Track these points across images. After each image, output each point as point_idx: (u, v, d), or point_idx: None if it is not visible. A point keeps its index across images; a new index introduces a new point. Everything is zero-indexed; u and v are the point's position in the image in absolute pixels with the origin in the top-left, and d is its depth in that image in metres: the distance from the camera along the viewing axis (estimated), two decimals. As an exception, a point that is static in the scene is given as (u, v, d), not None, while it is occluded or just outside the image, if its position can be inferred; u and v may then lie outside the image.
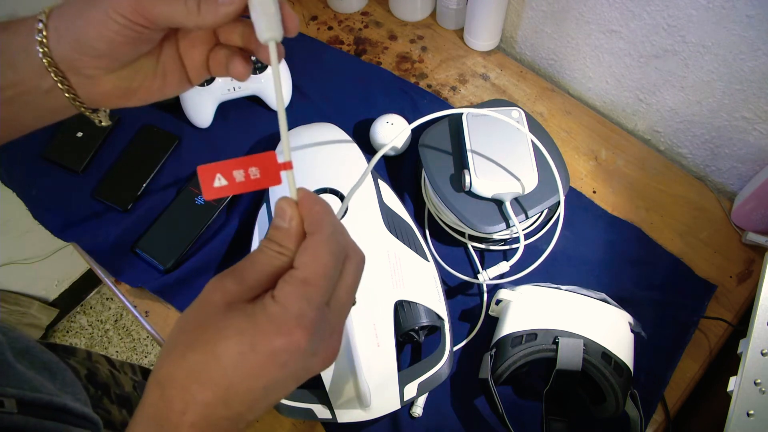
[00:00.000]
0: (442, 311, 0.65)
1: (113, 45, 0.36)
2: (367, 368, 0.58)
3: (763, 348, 0.57)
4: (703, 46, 0.71)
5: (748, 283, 0.75)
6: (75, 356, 0.67)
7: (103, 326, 1.62)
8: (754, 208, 0.74)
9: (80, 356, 0.68)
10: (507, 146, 0.73)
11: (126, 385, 0.71)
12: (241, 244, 0.76)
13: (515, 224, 0.70)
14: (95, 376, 0.66)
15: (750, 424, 0.55)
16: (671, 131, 0.85)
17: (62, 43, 0.36)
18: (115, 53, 0.36)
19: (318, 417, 0.60)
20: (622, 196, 0.81)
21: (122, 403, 0.66)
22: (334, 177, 0.72)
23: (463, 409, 0.68)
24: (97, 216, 0.81)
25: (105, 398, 0.64)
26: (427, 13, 1.00)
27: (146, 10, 0.34)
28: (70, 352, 0.67)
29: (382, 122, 0.82)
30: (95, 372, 0.67)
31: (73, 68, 0.37)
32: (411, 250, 0.68)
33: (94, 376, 0.66)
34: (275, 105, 0.88)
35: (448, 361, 0.63)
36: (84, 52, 0.36)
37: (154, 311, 0.76)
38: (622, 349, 0.62)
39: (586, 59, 0.87)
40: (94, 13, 0.35)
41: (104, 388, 0.65)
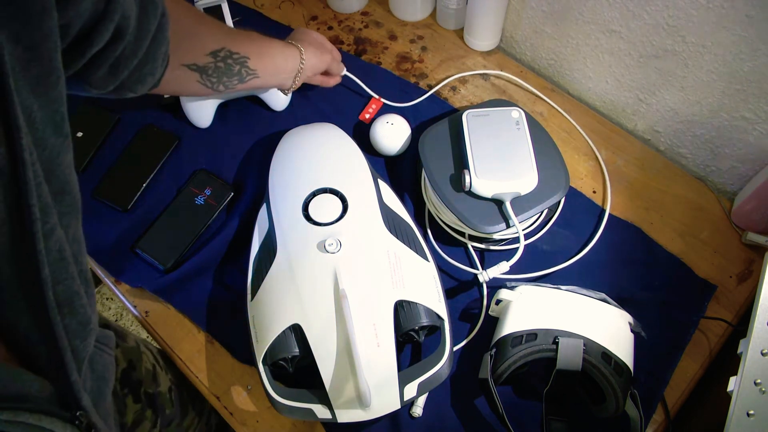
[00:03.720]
0: (442, 311, 0.65)
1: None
2: (367, 368, 0.58)
3: (763, 348, 0.57)
4: (703, 46, 0.71)
5: (748, 283, 0.75)
6: (125, 342, 0.68)
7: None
8: (754, 208, 0.74)
9: (129, 344, 0.68)
10: (507, 146, 0.73)
11: (163, 384, 0.71)
12: (241, 244, 0.76)
13: (515, 224, 0.70)
14: (133, 371, 0.66)
15: (750, 424, 0.55)
16: (671, 131, 0.85)
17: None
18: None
19: (318, 417, 0.60)
20: (622, 196, 0.81)
21: (148, 401, 0.66)
22: (334, 177, 0.72)
23: (463, 409, 0.68)
24: (97, 216, 0.81)
25: (130, 396, 0.64)
26: (427, 13, 1.00)
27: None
28: (121, 337, 0.67)
29: (382, 122, 0.82)
30: (135, 366, 0.67)
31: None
32: (411, 250, 0.68)
33: (131, 371, 0.66)
34: (275, 105, 0.88)
35: (448, 361, 0.63)
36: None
37: (154, 311, 0.76)
38: (622, 349, 0.62)
39: (586, 59, 0.87)
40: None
41: (135, 386, 0.65)
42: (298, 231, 0.68)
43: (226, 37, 0.66)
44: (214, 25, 0.66)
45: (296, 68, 0.74)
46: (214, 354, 0.73)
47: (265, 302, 0.65)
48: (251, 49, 0.68)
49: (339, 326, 0.61)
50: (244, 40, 0.68)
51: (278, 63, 0.72)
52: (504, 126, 0.75)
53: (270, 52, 0.71)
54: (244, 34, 0.69)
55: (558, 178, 0.73)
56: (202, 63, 0.64)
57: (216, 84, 0.67)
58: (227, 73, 0.67)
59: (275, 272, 0.66)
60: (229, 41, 0.65)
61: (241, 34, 0.69)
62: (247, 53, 0.67)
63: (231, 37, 0.66)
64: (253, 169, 0.83)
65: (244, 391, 0.71)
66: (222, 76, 0.66)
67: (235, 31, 0.69)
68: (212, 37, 0.64)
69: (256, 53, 0.69)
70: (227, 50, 0.65)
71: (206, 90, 0.68)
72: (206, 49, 0.63)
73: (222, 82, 0.67)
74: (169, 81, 0.61)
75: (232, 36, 0.67)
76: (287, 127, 0.82)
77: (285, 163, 0.75)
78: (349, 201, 0.70)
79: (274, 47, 0.72)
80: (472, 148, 0.73)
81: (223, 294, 0.76)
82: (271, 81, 0.74)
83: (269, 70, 0.72)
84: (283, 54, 0.72)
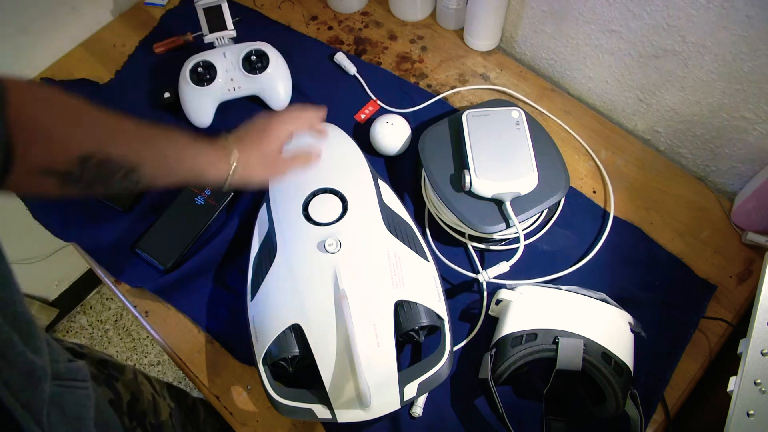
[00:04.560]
0: (442, 311, 0.65)
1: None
2: (367, 368, 0.58)
3: (763, 348, 0.57)
4: (703, 46, 0.71)
5: (748, 283, 0.75)
6: (123, 375, 0.66)
7: (103, 326, 1.62)
8: (754, 208, 0.74)
9: (127, 376, 0.67)
10: (507, 146, 0.73)
11: (163, 412, 0.70)
12: (241, 244, 0.76)
13: (515, 224, 0.70)
14: (137, 402, 0.65)
15: (750, 424, 0.55)
16: (671, 131, 0.85)
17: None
18: None
19: (318, 417, 0.60)
20: (622, 196, 0.81)
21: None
22: (334, 177, 0.72)
23: (463, 409, 0.68)
24: (97, 216, 0.81)
25: (139, 429, 0.63)
26: (427, 13, 1.00)
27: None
28: (120, 371, 0.66)
29: (382, 122, 0.82)
30: (138, 397, 0.65)
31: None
32: (411, 250, 0.68)
33: (135, 403, 0.64)
34: (275, 105, 0.88)
35: (448, 361, 0.63)
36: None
37: (154, 311, 0.76)
38: (622, 349, 0.62)
39: (586, 59, 0.87)
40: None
41: (141, 417, 0.64)
42: (298, 231, 0.68)
43: (110, 138, 0.50)
44: (94, 123, 0.50)
45: (225, 172, 0.60)
46: (214, 354, 0.73)
47: (265, 302, 0.65)
48: (148, 154, 0.53)
49: (339, 326, 0.61)
50: (141, 141, 0.53)
51: (197, 168, 0.58)
52: (504, 126, 0.75)
53: (183, 157, 0.57)
54: (150, 134, 0.54)
55: (558, 178, 0.73)
56: (64, 168, 0.47)
57: (87, 189, 0.50)
58: (102, 180, 0.50)
59: (275, 272, 0.66)
60: (110, 143, 0.50)
61: (145, 133, 0.54)
62: (139, 159, 0.52)
63: (118, 137, 0.51)
64: (253, 169, 0.83)
65: (244, 391, 0.71)
66: (94, 182, 0.50)
67: (130, 129, 0.53)
68: (85, 137, 0.48)
69: (155, 159, 0.54)
70: (101, 155, 0.48)
71: (75, 193, 0.50)
72: (70, 154, 0.47)
73: (95, 187, 0.51)
74: (19, 185, 0.46)
75: (121, 136, 0.51)
76: (287, 127, 0.82)
77: (285, 163, 0.75)
78: (349, 201, 0.70)
79: (189, 151, 0.58)
80: (472, 148, 0.73)
81: (223, 294, 0.76)
82: (190, 182, 0.61)
83: (182, 176, 0.57)
84: (202, 159, 0.58)
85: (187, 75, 0.85)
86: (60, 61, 0.98)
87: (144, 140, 0.54)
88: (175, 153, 0.56)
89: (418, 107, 0.89)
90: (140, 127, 0.53)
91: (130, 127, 0.53)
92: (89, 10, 0.99)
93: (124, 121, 0.52)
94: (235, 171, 0.60)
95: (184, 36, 0.96)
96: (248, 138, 0.64)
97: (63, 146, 0.47)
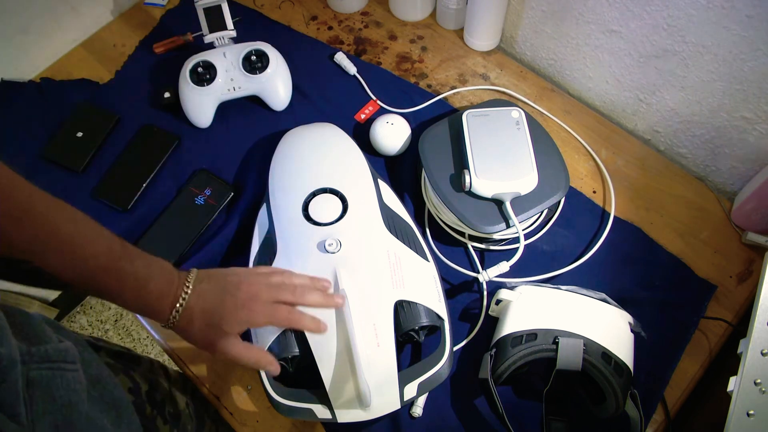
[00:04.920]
0: (442, 311, 0.65)
1: None
2: (367, 368, 0.58)
3: (763, 348, 0.57)
4: (703, 46, 0.71)
5: (748, 283, 0.75)
6: (140, 367, 0.65)
7: (103, 326, 1.62)
8: (754, 208, 0.74)
9: (144, 367, 0.66)
10: (507, 146, 0.73)
11: (180, 402, 0.70)
12: (241, 244, 0.76)
13: (515, 224, 0.70)
14: (155, 392, 0.64)
15: (750, 424, 0.55)
16: (671, 131, 0.85)
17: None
18: None
19: (318, 417, 0.60)
20: (622, 196, 0.81)
21: (174, 421, 0.65)
22: (334, 177, 0.72)
23: (463, 409, 0.68)
24: (97, 216, 0.81)
25: (159, 418, 0.62)
26: (427, 13, 1.00)
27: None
28: (136, 362, 0.65)
29: (382, 122, 0.82)
30: (155, 387, 0.64)
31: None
32: (411, 250, 0.68)
33: (153, 392, 0.63)
34: (275, 105, 0.88)
35: (448, 361, 0.63)
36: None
37: (154, 311, 0.76)
38: (622, 349, 0.62)
39: (586, 59, 0.87)
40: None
41: (160, 406, 0.64)
42: (298, 231, 0.68)
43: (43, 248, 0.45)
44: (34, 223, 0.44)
45: (169, 309, 0.51)
46: (214, 354, 0.73)
47: (265, 302, 0.65)
48: (77, 274, 0.47)
49: (339, 326, 0.61)
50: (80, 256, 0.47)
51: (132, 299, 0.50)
52: (504, 126, 0.75)
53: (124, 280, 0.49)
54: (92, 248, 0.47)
55: (558, 178, 0.73)
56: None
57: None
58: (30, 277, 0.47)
59: (275, 272, 0.66)
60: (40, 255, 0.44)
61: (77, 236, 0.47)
62: (70, 279, 0.47)
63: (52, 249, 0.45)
64: (253, 169, 0.83)
65: (244, 391, 0.71)
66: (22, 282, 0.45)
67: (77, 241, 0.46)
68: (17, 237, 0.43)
69: (87, 280, 0.48)
70: (32, 263, 0.44)
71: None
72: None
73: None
74: None
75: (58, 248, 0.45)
76: (287, 127, 0.82)
77: (285, 163, 0.75)
78: (349, 201, 0.70)
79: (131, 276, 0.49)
80: (472, 148, 0.73)
81: (223, 294, 0.76)
82: (125, 307, 0.52)
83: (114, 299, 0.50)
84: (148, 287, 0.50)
85: (187, 75, 0.85)
86: (60, 61, 0.98)
87: (83, 262, 0.47)
88: (114, 282, 0.48)
89: (418, 107, 0.89)
90: (87, 245, 0.47)
91: (75, 242, 0.46)
92: (89, 10, 0.99)
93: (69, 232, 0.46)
94: (185, 306, 0.50)
95: (184, 36, 0.96)
96: (215, 276, 0.54)
97: None
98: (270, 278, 0.55)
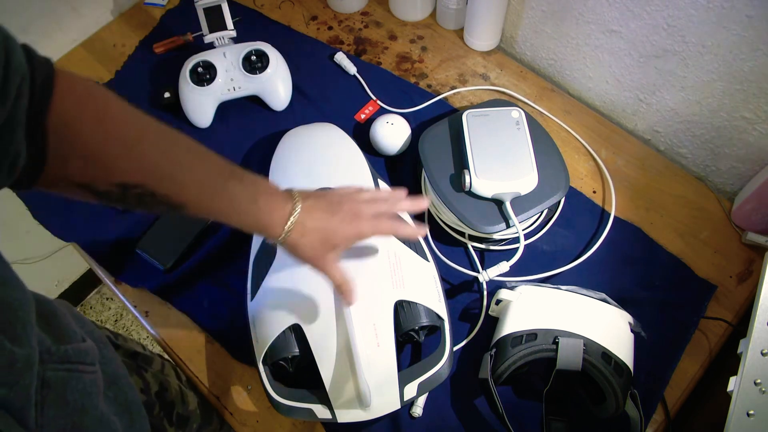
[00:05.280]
0: (442, 311, 0.65)
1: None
2: (367, 368, 0.58)
3: (763, 348, 0.57)
4: (703, 46, 0.71)
5: (748, 283, 0.75)
6: (151, 367, 0.65)
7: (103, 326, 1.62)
8: (754, 208, 0.74)
9: (155, 367, 0.66)
10: (507, 146, 0.73)
11: (191, 402, 0.70)
12: (241, 244, 0.76)
13: (515, 224, 0.70)
14: (165, 392, 0.64)
15: (750, 424, 0.55)
16: (671, 131, 0.85)
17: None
18: None
19: (318, 417, 0.60)
20: (622, 196, 0.81)
21: (181, 424, 0.65)
22: (333, 176, 0.72)
23: (463, 409, 0.68)
24: (97, 216, 0.81)
25: (166, 420, 0.62)
26: (427, 13, 1.00)
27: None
28: (148, 362, 0.65)
29: (382, 122, 0.82)
30: (166, 387, 0.65)
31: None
32: (411, 250, 0.68)
33: (164, 392, 0.63)
34: (275, 105, 0.88)
35: (448, 361, 0.63)
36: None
37: (154, 311, 0.76)
38: (622, 349, 0.62)
39: (586, 59, 0.87)
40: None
41: (170, 407, 0.64)
42: (298, 231, 0.68)
43: (159, 176, 0.45)
44: (146, 155, 0.44)
45: (281, 223, 0.52)
46: (214, 354, 0.73)
47: (265, 302, 0.65)
48: (193, 197, 0.48)
49: (339, 326, 0.61)
50: (193, 185, 0.47)
51: (250, 221, 0.52)
52: (504, 126, 0.75)
53: (236, 207, 0.50)
54: (206, 179, 0.48)
55: (558, 178, 0.73)
56: (103, 189, 0.43)
57: (126, 207, 0.47)
58: (143, 207, 0.47)
59: (275, 272, 0.66)
60: (158, 181, 0.45)
61: (202, 177, 0.48)
62: (185, 201, 0.47)
63: (169, 178, 0.46)
64: (253, 169, 0.82)
65: (244, 391, 0.71)
66: (134, 206, 0.46)
67: (185, 167, 0.47)
68: (131, 168, 0.43)
69: (202, 204, 0.49)
70: (146, 189, 0.44)
71: (114, 205, 0.48)
72: (111, 179, 0.43)
73: (135, 209, 0.47)
74: (52, 188, 0.42)
75: (172, 178, 0.46)
76: (287, 127, 0.82)
77: (285, 163, 0.75)
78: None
79: (243, 199, 0.51)
80: (472, 148, 0.73)
81: (223, 294, 0.76)
82: (237, 225, 0.53)
83: (230, 222, 0.51)
84: (258, 203, 0.51)
85: (187, 75, 0.85)
86: (60, 61, 0.98)
87: (197, 184, 0.47)
88: (227, 202, 0.50)
89: (418, 107, 0.89)
90: (197, 167, 0.47)
91: (186, 165, 0.47)
92: (89, 10, 0.99)
93: (181, 157, 0.46)
94: (296, 220, 0.52)
95: (184, 36, 0.96)
96: (316, 194, 0.56)
97: (105, 170, 0.42)
98: (363, 195, 0.57)
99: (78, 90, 0.39)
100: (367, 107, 0.89)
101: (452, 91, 0.91)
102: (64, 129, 0.38)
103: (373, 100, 0.90)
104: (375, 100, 0.90)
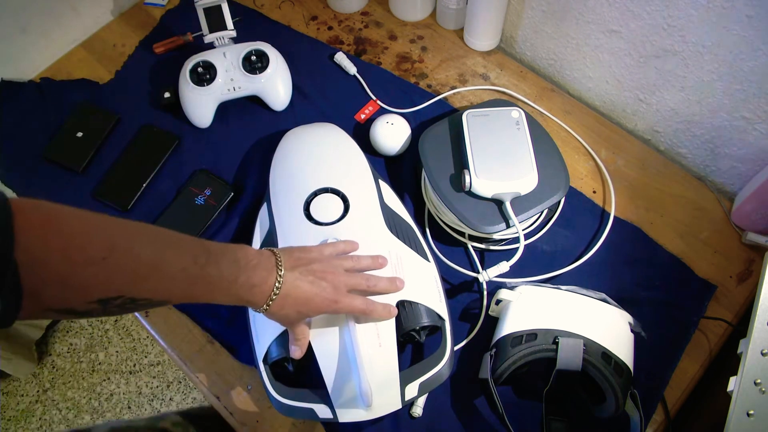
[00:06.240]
0: (442, 311, 0.65)
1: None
2: (368, 368, 0.58)
3: (763, 348, 0.57)
4: (703, 46, 0.71)
5: (748, 283, 0.75)
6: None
7: (103, 326, 1.62)
8: (754, 208, 0.74)
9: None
10: (507, 146, 0.73)
11: None
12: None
13: (515, 224, 0.70)
14: None
15: (750, 424, 0.55)
16: (671, 131, 0.85)
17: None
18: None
19: (319, 416, 0.60)
20: (622, 196, 0.81)
21: None
22: (334, 177, 0.72)
23: (463, 409, 0.68)
24: (97, 216, 0.81)
25: None
26: (427, 13, 1.00)
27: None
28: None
29: (382, 122, 0.82)
30: None
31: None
32: (412, 250, 0.68)
33: None
34: (275, 105, 0.88)
35: (449, 361, 0.63)
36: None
37: (154, 311, 0.76)
38: (622, 349, 0.62)
39: (586, 59, 0.87)
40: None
41: None
42: (299, 230, 0.68)
43: (136, 283, 0.44)
44: (119, 267, 0.43)
45: (263, 298, 0.53)
46: (214, 354, 0.73)
47: (266, 302, 0.65)
48: (177, 294, 0.48)
49: (340, 326, 0.61)
50: (174, 282, 0.47)
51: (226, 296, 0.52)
52: (504, 126, 0.75)
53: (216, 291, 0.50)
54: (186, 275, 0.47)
55: (558, 178, 0.73)
56: (82, 309, 0.42)
57: (110, 315, 0.47)
58: (127, 312, 0.47)
59: (275, 272, 0.66)
60: (136, 288, 0.44)
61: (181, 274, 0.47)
62: (167, 298, 0.48)
63: (146, 282, 0.45)
64: (253, 169, 0.83)
65: (244, 391, 0.71)
66: (120, 314, 0.47)
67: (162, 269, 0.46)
68: (107, 283, 0.42)
69: (185, 296, 0.49)
70: (125, 298, 0.44)
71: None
72: (89, 298, 0.42)
73: (119, 314, 0.47)
74: (33, 317, 0.41)
75: (149, 280, 0.45)
76: (287, 127, 0.82)
77: (286, 163, 0.75)
78: (350, 201, 0.70)
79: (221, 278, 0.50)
80: (472, 148, 0.73)
81: (223, 294, 0.76)
82: (221, 303, 0.54)
83: (210, 300, 0.51)
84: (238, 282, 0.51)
85: (187, 75, 0.85)
86: (60, 61, 0.98)
87: (174, 280, 0.47)
88: (207, 288, 0.50)
89: (418, 107, 0.89)
90: (171, 262, 0.46)
91: (158, 263, 0.45)
92: (89, 10, 0.99)
93: (153, 255, 0.45)
94: (279, 294, 0.53)
95: (184, 36, 0.96)
96: (299, 263, 0.57)
97: (81, 292, 0.41)
98: (345, 263, 0.60)
99: (35, 221, 0.39)
100: (367, 107, 0.89)
101: (452, 91, 0.91)
102: (32, 261, 0.37)
103: (373, 100, 0.90)
104: (375, 100, 0.90)
